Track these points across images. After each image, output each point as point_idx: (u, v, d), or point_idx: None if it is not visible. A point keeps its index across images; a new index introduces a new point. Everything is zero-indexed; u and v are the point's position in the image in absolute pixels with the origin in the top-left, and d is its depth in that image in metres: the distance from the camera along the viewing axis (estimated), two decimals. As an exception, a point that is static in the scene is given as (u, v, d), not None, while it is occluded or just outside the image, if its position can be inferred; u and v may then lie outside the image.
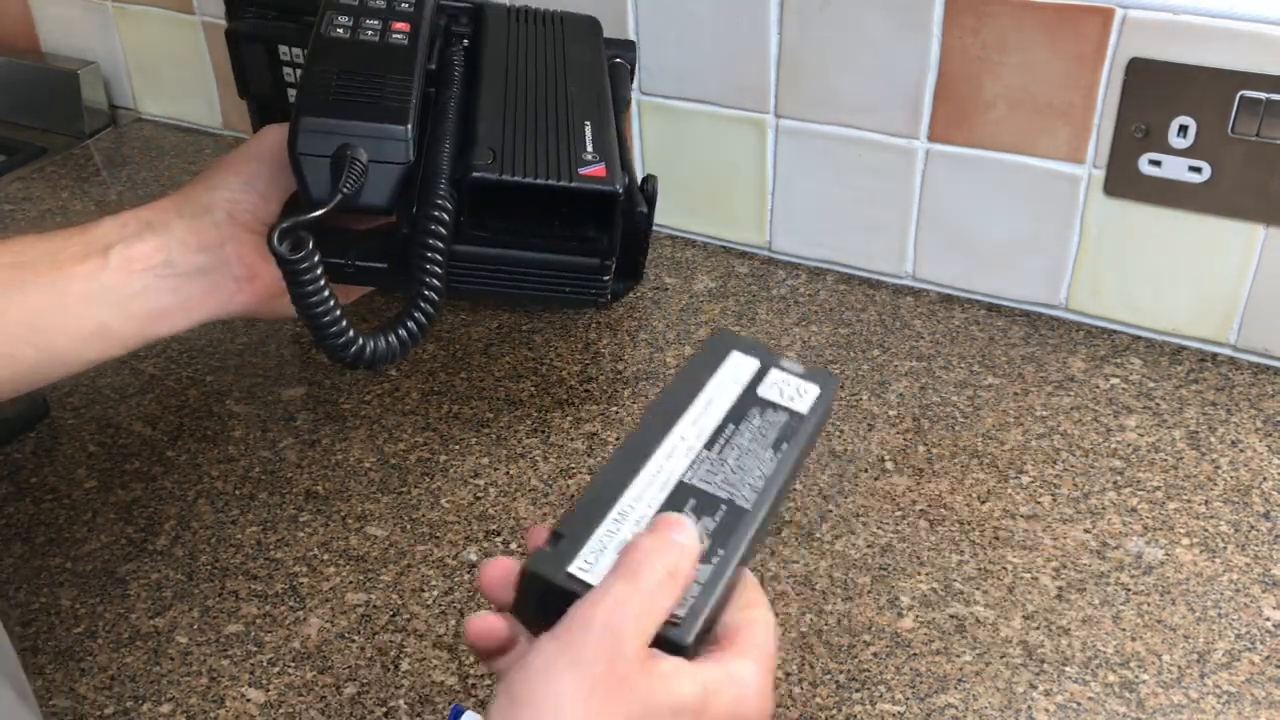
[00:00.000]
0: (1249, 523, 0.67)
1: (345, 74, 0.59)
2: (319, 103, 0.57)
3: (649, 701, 0.39)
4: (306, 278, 0.54)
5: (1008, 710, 0.57)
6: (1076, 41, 0.76)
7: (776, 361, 0.50)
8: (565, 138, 0.63)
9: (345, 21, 0.62)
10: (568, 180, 0.60)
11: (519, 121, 0.63)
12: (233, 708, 0.58)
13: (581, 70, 0.70)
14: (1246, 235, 0.77)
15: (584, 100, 0.67)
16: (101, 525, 0.70)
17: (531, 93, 0.66)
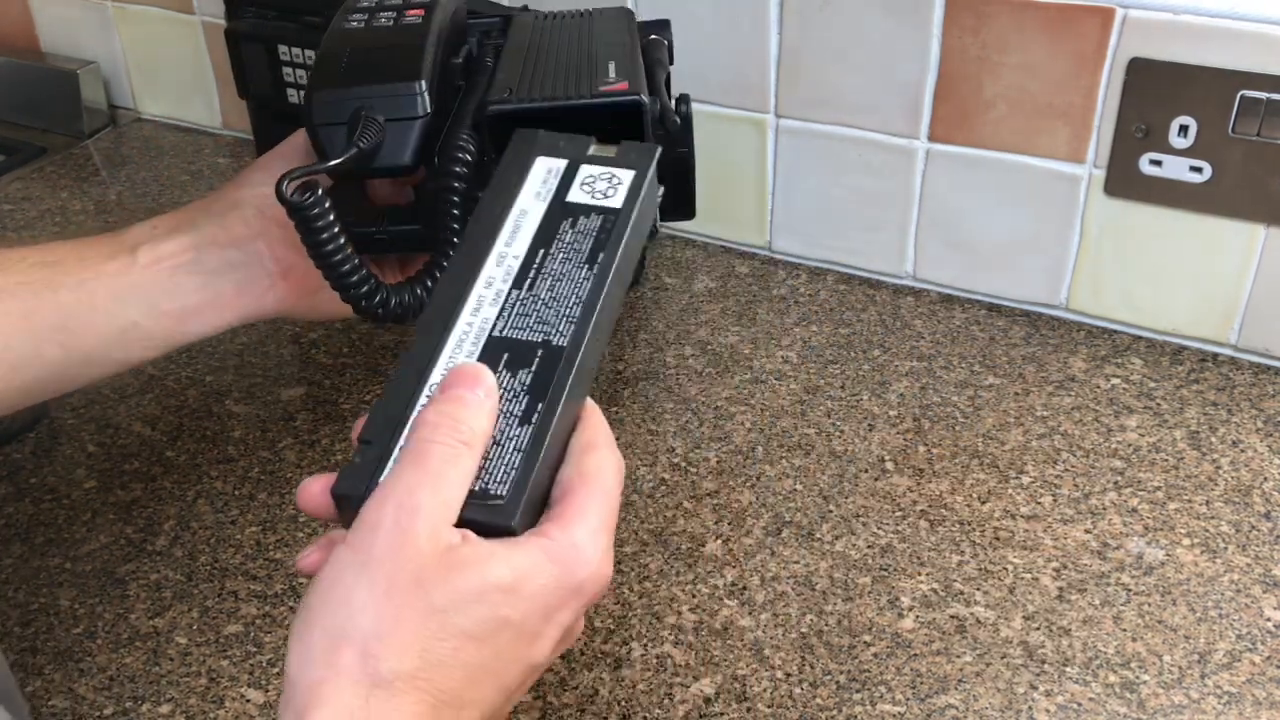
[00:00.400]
0: (1250, 523, 0.67)
1: (357, 51, 0.58)
2: (330, 75, 0.57)
3: (453, 595, 0.37)
4: (319, 223, 0.52)
5: (1008, 711, 0.57)
6: (1077, 41, 0.76)
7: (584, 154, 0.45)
8: (586, 70, 0.59)
9: (359, 17, 0.61)
10: (588, 97, 0.55)
11: (539, 65, 0.60)
12: (232, 708, 0.58)
13: (610, 36, 0.66)
14: (1247, 235, 0.77)
15: (609, 49, 0.63)
16: (101, 525, 0.70)
17: (554, 49, 0.63)
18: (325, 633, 0.37)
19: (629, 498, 0.70)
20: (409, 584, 0.37)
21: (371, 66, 0.57)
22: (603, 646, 0.60)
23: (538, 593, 0.39)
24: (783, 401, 0.78)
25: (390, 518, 0.37)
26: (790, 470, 0.72)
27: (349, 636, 0.36)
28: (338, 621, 0.37)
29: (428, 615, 0.37)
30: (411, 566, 0.37)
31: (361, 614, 0.36)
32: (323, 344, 0.85)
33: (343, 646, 0.36)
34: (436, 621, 0.37)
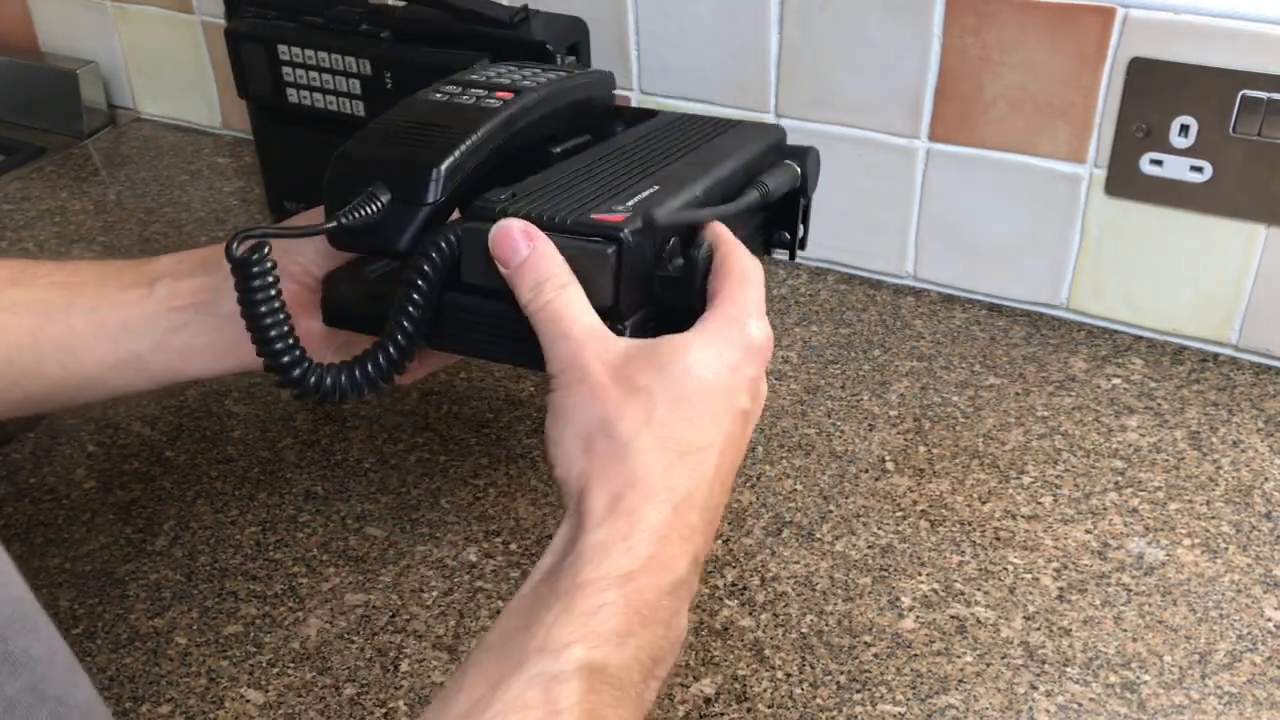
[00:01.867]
0: (1250, 523, 0.67)
1: (410, 124, 0.57)
2: (366, 139, 0.56)
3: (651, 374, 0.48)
4: (256, 284, 0.51)
5: (1009, 711, 0.57)
6: (1077, 41, 0.76)
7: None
8: (613, 187, 0.55)
9: (451, 90, 0.59)
10: (570, 221, 0.52)
11: (577, 176, 0.57)
12: (232, 709, 0.58)
13: (711, 151, 0.62)
14: (1248, 235, 0.77)
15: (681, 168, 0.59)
16: (100, 526, 0.70)
17: (624, 156, 0.60)
18: (575, 435, 0.47)
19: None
20: (615, 380, 0.48)
21: (408, 141, 0.56)
22: (603, 647, 0.60)
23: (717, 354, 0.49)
24: (783, 401, 0.78)
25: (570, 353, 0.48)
26: (790, 470, 0.72)
27: (591, 430, 0.47)
28: (578, 424, 0.47)
29: (636, 392, 0.47)
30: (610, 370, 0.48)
31: (593, 409, 0.47)
32: (322, 344, 0.85)
33: (593, 438, 0.47)
34: (646, 394, 0.47)
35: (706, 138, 0.65)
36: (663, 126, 0.66)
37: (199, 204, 1.04)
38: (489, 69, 0.64)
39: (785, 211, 0.65)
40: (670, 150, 0.62)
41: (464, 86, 0.60)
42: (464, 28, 0.83)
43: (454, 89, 0.60)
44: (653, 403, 0.47)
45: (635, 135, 0.64)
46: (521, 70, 0.64)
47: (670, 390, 0.48)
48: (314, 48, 0.85)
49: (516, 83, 0.61)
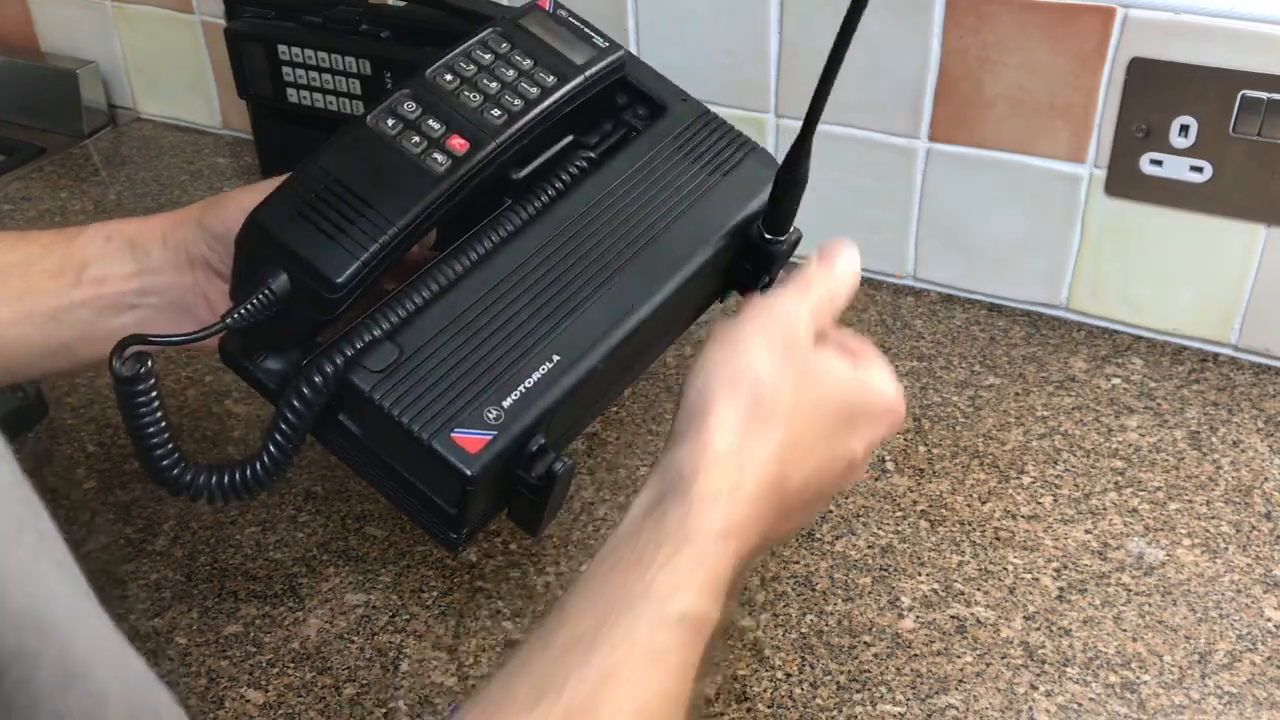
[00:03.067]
0: (1250, 523, 0.67)
1: (339, 185, 0.51)
2: (288, 204, 0.51)
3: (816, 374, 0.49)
4: (140, 400, 0.49)
5: (1009, 711, 0.57)
6: (1077, 41, 0.76)
7: None
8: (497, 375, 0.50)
9: (407, 112, 0.53)
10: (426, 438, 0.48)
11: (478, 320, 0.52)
12: (232, 708, 0.58)
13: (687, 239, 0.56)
14: (1248, 235, 0.77)
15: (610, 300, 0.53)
16: (100, 526, 0.69)
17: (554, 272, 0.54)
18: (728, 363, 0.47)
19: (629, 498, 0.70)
20: (793, 352, 0.48)
21: (321, 227, 0.50)
22: (603, 647, 0.60)
23: (861, 395, 0.50)
24: (783, 401, 0.78)
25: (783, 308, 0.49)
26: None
27: (746, 369, 0.47)
28: (739, 358, 0.47)
29: (802, 374, 0.48)
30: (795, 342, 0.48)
31: (759, 357, 0.47)
32: (322, 344, 0.85)
33: (742, 375, 0.47)
34: (806, 381, 0.48)
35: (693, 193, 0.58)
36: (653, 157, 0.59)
37: (199, 204, 1.04)
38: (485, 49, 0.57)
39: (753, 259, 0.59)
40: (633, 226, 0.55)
41: (425, 107, 0.53)
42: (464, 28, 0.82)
43: (413, 109, 0.53)
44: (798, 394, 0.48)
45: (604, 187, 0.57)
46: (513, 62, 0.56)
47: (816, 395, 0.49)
48: (314, 48, 0.85)
49: (485, 111, 0.53)
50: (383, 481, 0.53)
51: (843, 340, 0.51)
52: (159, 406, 0.50)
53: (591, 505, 0.69)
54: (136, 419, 0.50)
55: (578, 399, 0.52)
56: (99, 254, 0.56)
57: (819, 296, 0.50)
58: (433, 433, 0.49)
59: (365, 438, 0.51)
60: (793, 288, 0.50)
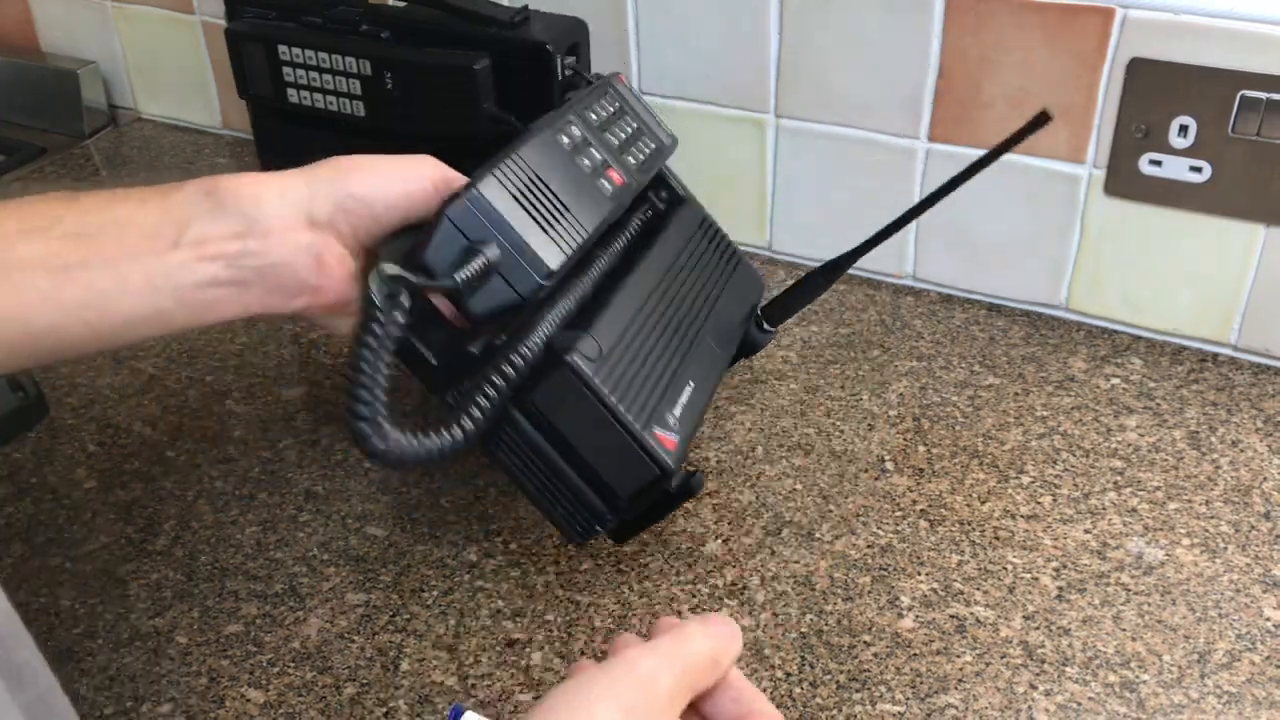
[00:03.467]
0: (1249, 523, 0.67)
1: (542, 182, 0.57)
2: (502, 187, 0.55)
3: None
4: (378, 334, 0.50)
5: (1008, 710, 0.57)
6: (1077, 41, 0.76)
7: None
8: (665, 386, 0.59)
9: (576, 136, 0.60)
10: (638, 429, 0.55)
11: (639, 336, 0.60)
12: (232, 708, 0.58)
13: (723, 324, 0.68)
14: (1247, 235, 0.77)
15: (703, 358, 0.64)
16: (101, 525, 0.70)
17: (670, 312, 0.63)
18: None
19: (629, 497, 0.70)
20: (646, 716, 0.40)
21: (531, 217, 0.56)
22: (603, 646, 0.60)
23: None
24: (783, 401, 0.78)
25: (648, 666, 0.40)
26: (790, 470, 0.72)
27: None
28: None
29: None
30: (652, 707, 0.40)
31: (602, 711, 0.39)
32: (323, 344, 0.85)
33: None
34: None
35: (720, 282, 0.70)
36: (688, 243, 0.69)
37: (199, 204, 1.04)
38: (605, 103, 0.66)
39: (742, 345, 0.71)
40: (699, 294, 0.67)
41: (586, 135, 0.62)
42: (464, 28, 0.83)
43: (578, 135, 0.61)
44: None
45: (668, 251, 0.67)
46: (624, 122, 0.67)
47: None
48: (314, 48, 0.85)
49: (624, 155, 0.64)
50: (541, 472, 0.57)
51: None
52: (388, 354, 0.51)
53: (591, 505, 0.69)
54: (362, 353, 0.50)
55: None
56: (199, 211, 0.52)
57: (695, 660, 0.42)
58: (643, 425, 0.55)
59: (557, 420, 0.55)
60: (666, 642, 0.42)
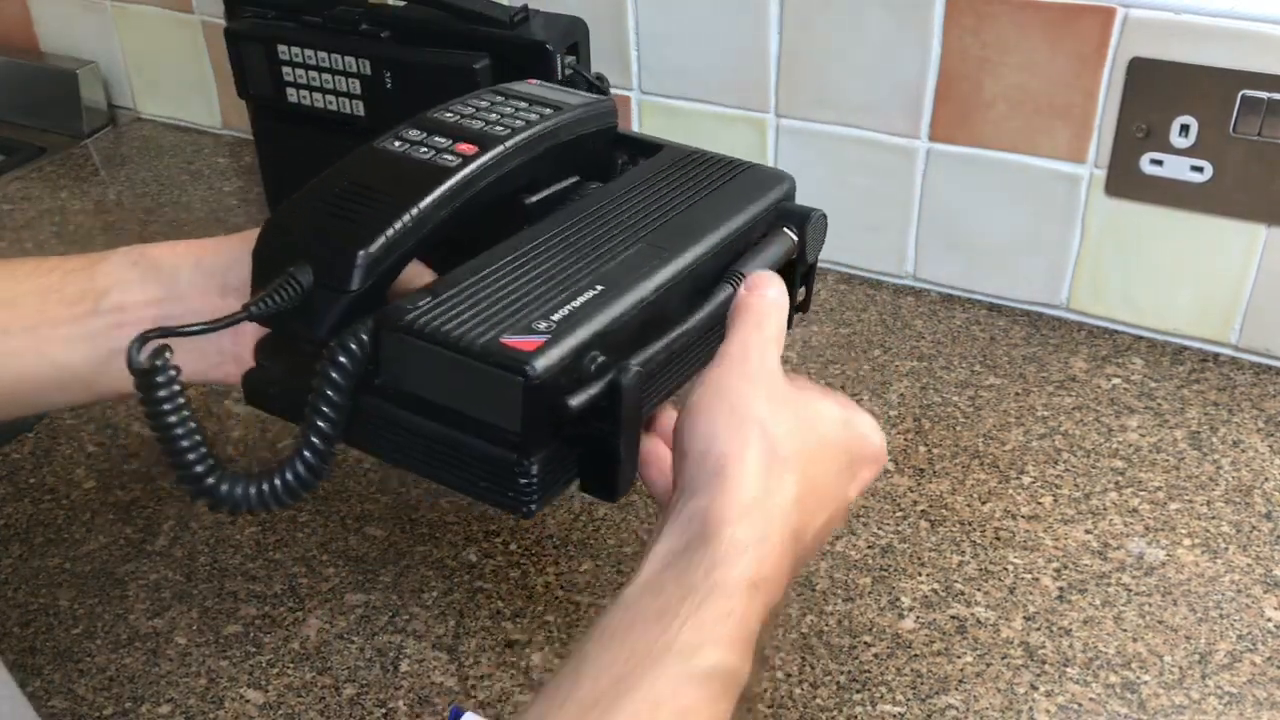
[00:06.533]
0: (1250, 523, 0.67)
1: (353, 186, 0.51)
2: (299, 205, 0.51)
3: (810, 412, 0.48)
4: (162, 393, 0.47)
5: (1009, 711, 0.57)
6: (1077, 41, 0.76)
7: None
8: (538, 300, 0.48)
9: (413, 136, 0.54)
10: (479, 346, 0.46)
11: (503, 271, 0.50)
12: (232, 709, 0.58)
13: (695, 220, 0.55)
14: (1248, 235, 0.77)
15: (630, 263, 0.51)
16: (100, 526, 0.69)
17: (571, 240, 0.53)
18: (732, 412, 0.45)
19: (630, 498, 0.70)
20: (785, 397, 0.47)
21: (340, 212, 0.50)
22: (603, 647, 0.60)
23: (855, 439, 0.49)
24: (783, 401, 0.78)
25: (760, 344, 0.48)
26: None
27: (751, 418, 0.45)
28: (738, 406, 0.46)
29: (800, 419, 0.47)
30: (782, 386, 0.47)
31: (758, 404, 0.46)
32: (322, 344, 0.85)
33: (749, 424, 0.45)
34: (805, 426, 0.47)
35: (702, 191, 0.57)
36: (656, 174, 0.58)
37: (199, 204, 1.04)
38: (480, 98, 0.58)
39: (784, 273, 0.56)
40: (651, 212, 0.55)
41: (429, 131, 0.54)
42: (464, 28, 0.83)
43: (417, 134, 0.54)
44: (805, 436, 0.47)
45: (616, 192, 0.56)
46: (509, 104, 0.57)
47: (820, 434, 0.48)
48: (314, 48, 0.85)
49: (488, 129, 0.54)
50: (434, 452, 0.49)
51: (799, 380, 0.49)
52: (185, 404, 0.48)
53: (592, 506, 0.69)
54: (161, 417, 0.47)
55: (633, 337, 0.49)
56: (120, 279, 0.53)
57: (773, 333, 0.49)
58: (482, 344, 0.46)
59: (408, 388, 0.48)
60: (748, 328, 0.49)
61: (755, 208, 0.56)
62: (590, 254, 0.51)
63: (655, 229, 0.54)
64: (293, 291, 0.49)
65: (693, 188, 0.57)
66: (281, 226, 0.51)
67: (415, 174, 0.52)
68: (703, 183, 0.58)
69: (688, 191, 0.57)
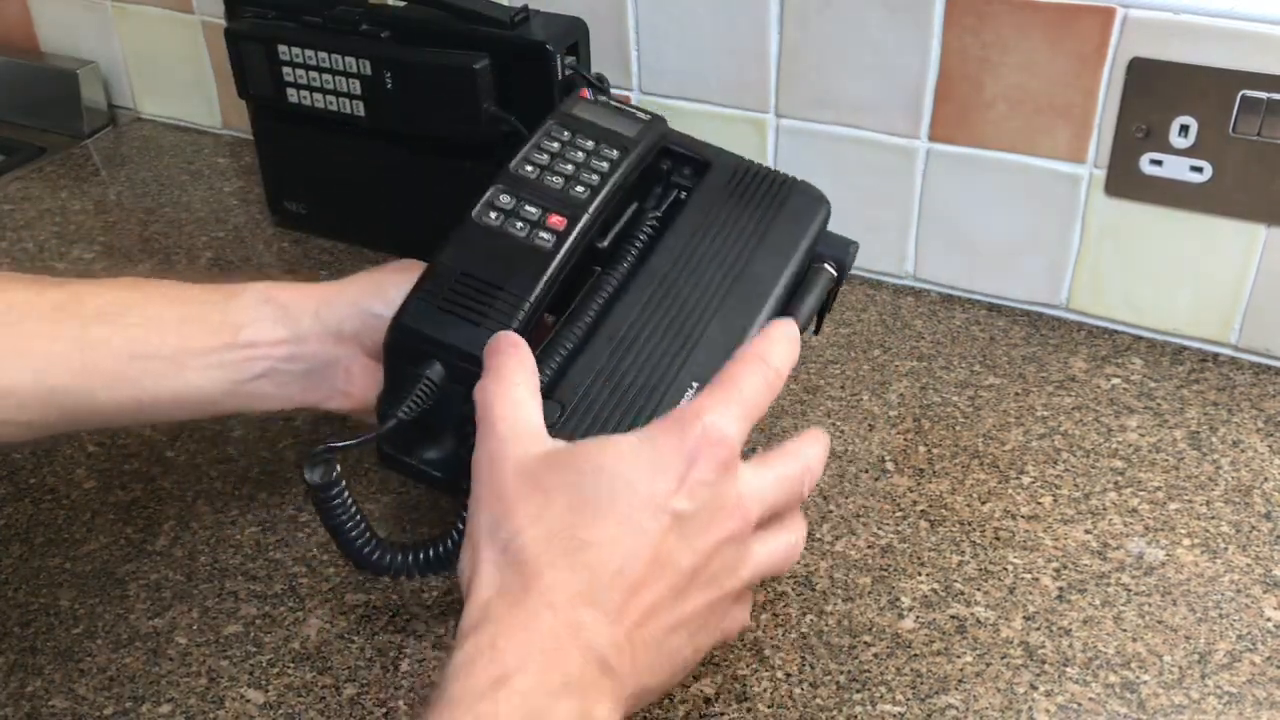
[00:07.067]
0: (1250, 523, 0.67)
1: (468, 276, 0.57)
2: (427, 303, 0.57)
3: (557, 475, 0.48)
4: (335, 504, 0.54)
5: (1009, 711, 0.57)
6: (1077, 41, 0.76)
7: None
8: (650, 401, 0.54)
9: (504, 204, 0.59)
10: None
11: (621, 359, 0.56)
12: (232, 708, 0.58)
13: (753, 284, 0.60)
14: (1248, 235, 0.77)
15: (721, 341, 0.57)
16: (101, 526, 0.70)
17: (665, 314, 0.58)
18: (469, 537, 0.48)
19: (629, 498, 0.69)
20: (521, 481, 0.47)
21: (460, 316, 0.56)
22: (603, 647, 0.60)
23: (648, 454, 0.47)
24: (782, 401, 0.78)
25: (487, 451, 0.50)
26: (790, 470, 0.72)
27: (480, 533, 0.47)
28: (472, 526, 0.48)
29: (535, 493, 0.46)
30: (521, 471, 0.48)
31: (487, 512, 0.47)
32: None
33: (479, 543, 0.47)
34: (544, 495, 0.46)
35: (759, 233, 0.61)
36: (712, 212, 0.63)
37: (199, 204, 1.04)
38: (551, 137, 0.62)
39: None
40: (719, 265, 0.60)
41: (518, 196, 0.59)
42: (464, 28, 0.83)
43: (508, 200, 0.59)
44: (548, 503, 0.46)
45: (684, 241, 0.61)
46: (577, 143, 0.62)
47: (573, 491, 0.46)
48: (314, 48, 0.85)
49: (569, 188, 0.60)
50: None
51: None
52: (353, 503, 0.55)
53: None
54: (334, 519, 0.55)
55: None
56: (254, 317, 0.60)
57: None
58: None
59: None
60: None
61: (806, 243, 0.62)
62: (678, 334, 0.57)
63: (728, 291, 0.59)
64: (430, 391, 0.56)
65: (750, 227, 0.62)
66: (407, 328, 0.57)
67: (519, 261, 0.58)
68: (757, 216, 0.62)
69: (746, 234, 0.61)
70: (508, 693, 0.41)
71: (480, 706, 0.41)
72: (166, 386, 0.58)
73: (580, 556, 0.45)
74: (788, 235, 0.61)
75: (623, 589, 0.45)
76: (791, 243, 0.61)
